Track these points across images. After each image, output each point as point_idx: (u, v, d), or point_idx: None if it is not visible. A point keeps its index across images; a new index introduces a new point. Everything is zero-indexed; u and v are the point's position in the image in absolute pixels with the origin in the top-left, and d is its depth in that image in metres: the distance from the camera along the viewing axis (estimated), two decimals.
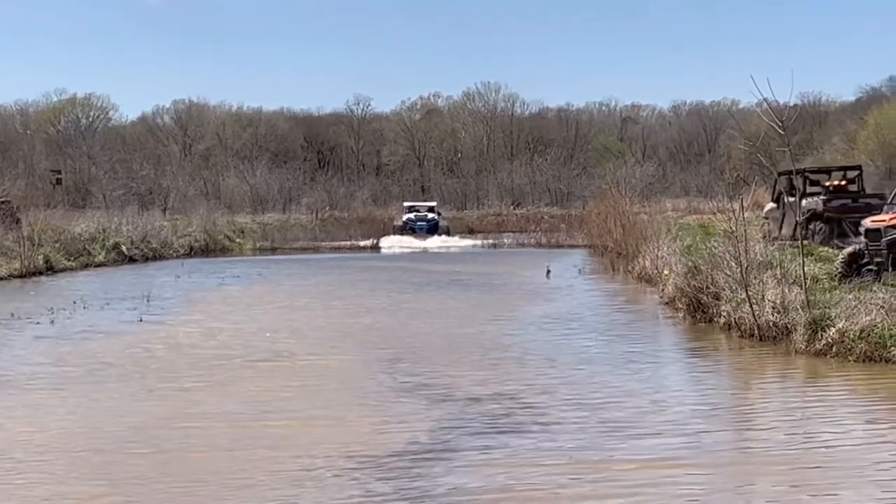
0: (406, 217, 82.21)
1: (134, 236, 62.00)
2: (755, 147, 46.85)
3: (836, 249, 31.27)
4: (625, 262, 46.21)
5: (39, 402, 18.75)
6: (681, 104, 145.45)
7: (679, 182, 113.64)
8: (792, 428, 16.40)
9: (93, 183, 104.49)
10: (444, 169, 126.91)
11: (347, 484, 13.23)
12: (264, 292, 40.05)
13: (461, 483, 13.16)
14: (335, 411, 17.67)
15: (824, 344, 21.56)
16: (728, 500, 12.50)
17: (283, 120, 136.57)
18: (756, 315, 24.15)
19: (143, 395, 19.24)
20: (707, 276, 27.83)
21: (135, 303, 35.45)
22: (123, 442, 15.62)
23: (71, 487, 13.39)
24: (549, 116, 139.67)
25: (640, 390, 19.00)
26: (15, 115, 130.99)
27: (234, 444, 15.45)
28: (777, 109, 26.37)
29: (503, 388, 19.28)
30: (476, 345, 25.13)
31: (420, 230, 79.40)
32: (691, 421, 16.54)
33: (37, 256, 49.34)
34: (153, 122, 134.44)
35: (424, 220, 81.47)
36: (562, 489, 12.90)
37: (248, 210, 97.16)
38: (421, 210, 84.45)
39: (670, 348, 25.31)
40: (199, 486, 13.32)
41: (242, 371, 21.75)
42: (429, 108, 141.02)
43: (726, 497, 12.59)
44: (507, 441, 15.25)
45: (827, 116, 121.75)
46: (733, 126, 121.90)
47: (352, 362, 22.81)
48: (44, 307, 33.71)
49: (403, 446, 15.04)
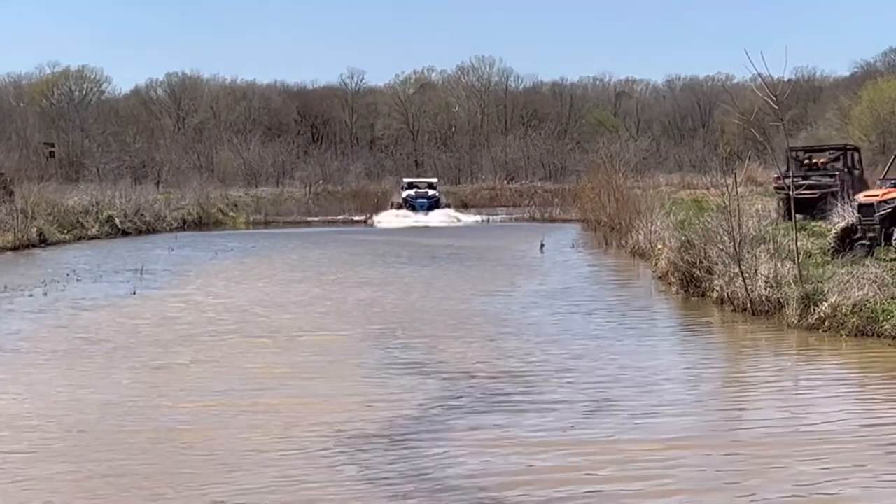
0: (406, 194, 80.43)
1: (127, 209, 62.04)
2: (749, 122, 46.79)
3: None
4: (618, 236, 46.24)
5: (31, 375, 18.75)
6: (675, 79, 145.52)
7: (673, 157, 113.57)
8: (784, 402, 16.45)
9: (86, 156, 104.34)
10: (437, 143, 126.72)
11: (338, 460, 13.26)
12: (258, 266, 40.03)
13: (457, 463, 13.18)
14: (327, 387, 17.68)
15: (817, 318, 21.60)
16: (721, 476, 12.53)
17: (277, 93, 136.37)
18: (749, 289, 24.18)
19: (134, 370, 19.21)
20: (700, 250, 27.86)
21: (128, 276, 35.46)
22: (114, 417, 15.62)
23: (54, 464, 13.40)
24: (543, 91, 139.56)
25: (633, 364, 19.02)
26: (8, 88, 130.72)
27: (225, 420, 15.45)
28: (771, 84, 26.39)
29: (500, 364, 19.31)
30: (472, 320, 25.12)
31: (421, 207, 77.86)
32: (684, 396, 16.58)
33: (30, 229, 49.36)
34: (146, 95, 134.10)
35: (425, 196, 79.71)
36: (558, 468, 12.95)
37: (242, 184, 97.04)
38: (421, 186, 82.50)
39: (663, 322, 25.35)
40: (185, 462, 13.34)
41: (235, 346, 21.72)
42: (423, 81, 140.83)
43: (721, 474, 12.62)
44: (500, 419, 15.28)
45: (821, 92, 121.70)
46: (727, 101, 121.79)
47: (345, 338, 22.79)
48: (37, 279, 33.70)
49: (398, 422, 15.07)
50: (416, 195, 79.51)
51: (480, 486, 11.97)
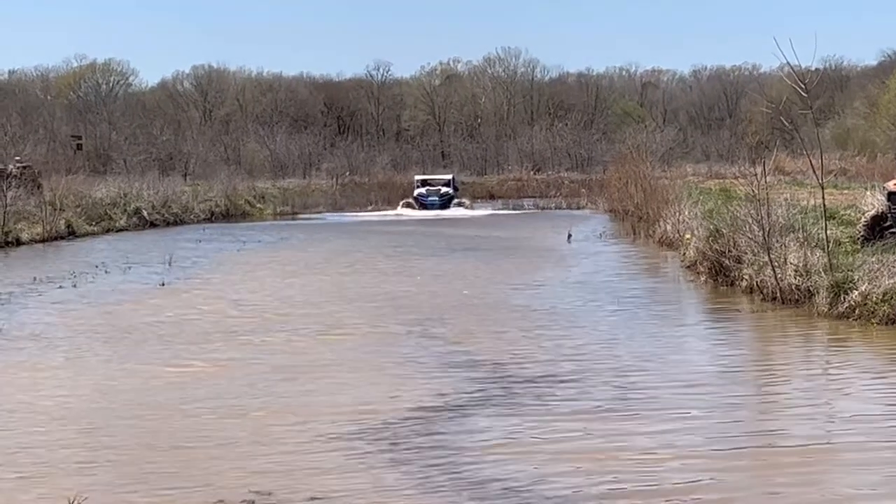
0: (417, 192, 77.52)
1: (155, 201, 62.20)
2: (777, 111, 46.60)
3: None
4: (646, 226, 46.15)
5: (64, 367, 18.87)
6: (701, 69, 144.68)
7: (700, 147, 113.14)
8: (814, 391, 16.42)
9: (113, 148, 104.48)
10: (463, 134, 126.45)
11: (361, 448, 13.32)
12: (285, 257, 40.10)
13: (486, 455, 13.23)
14: (356, 374, 17.75)
15: (847, 307, 21.53)
16: (748, 481, 12.53)
17: (303, 85, 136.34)
18: (778, 278, 24.11)
19: (162, 360, 19.31)
20: (729, 239, 27.79)
21: (156, 267, 35.56)
22: (145, 408, 15.72)
23: (76, 451, 13.50)
24: (569, 81, 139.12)
25: (662, 356, 19.00)
26: (36, 81, 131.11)
27: (252, 409, 15.53)
28: (800, 73, 26.25)
29: (532, 355, 19.35)
30: (505, 308, 25.18)
31: (432, 206, 75.11)
32: (715, 386, 16.57)
33: (59, 221, 49.55)
34: (173, 88, 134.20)
35: (437, 194, 76.50)
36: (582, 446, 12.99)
37: (269, 175, 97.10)
38: (435, 183, 78.92)
39: (693, 312, 25.32)
40: (197, 450, 13.45)
41: (264, 337, 21.79)
42: (449, 73, 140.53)
43: (751, 475, 12.62)
44: (528, 412, 15.32)
45: (848, 81, 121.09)
46: (755, 90, 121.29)
47: (378, 329, 22.84)
48: (66, 272, 33.83)
49: (431, 413, 15.13)
50: (428, 193, 76.87)
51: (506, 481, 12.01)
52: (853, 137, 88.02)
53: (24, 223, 47.49)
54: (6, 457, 13.16)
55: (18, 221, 47.18)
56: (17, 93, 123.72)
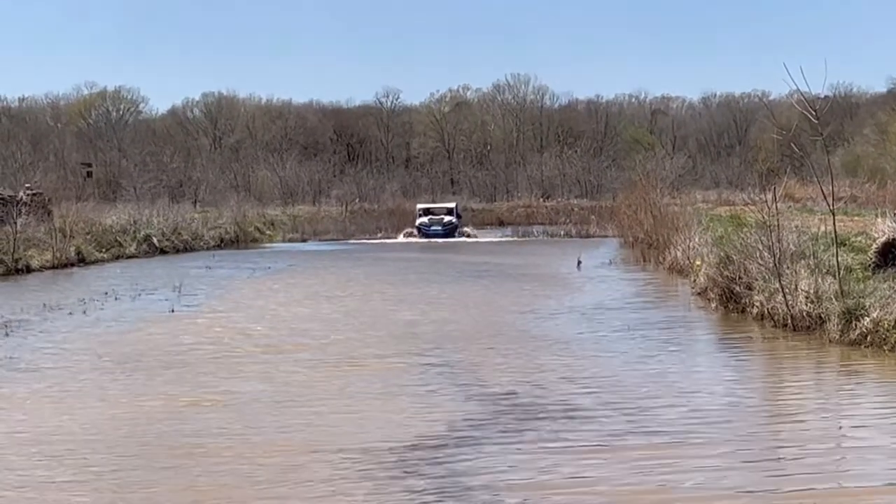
0: (419, 221, 76.02)
1: (165, 228, 62.27)
2: (788, 138, 46.55)
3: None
4: (655, 252, 46.09)
5: (72, 393, 18.83)
6: (711, 96, 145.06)
7: (709, 174, 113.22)
8: (826, 419, 16.33)
9: (123, 175, 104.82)
10: (473, 161, 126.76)
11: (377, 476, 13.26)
12: (294, 284, 40.05)
13: (501, 473, 13.16)
14: (368, 403, 17.69)
15: (858, 334, 21.45)
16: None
17: (313, 112, 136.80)
18: (789, 305, 24.03)
19: (174, 387, 19.28)
20: (739, 266, 27.72)
21: (166, 294, 35.53)
22: (153, 435, 15.68)
23: (83, 474, 13.46)
24: (578, 108, 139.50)
25: (672, 385, 18.90)
26: (46, 109, 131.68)
27: (264, 432, 15.47)
28: (810, 100, 26.22)
29: (541, 380, 19.28)
30: (514, 335, 25.12)
31: (435, 235, 73.38)
32: (726, 414, 16.47)
33: (68, 248, 49.59)
34: (183, 115, 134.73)
35: (440, 223, 74.91)
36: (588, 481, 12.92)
37: (279, 202, 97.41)
38: (437, 212, 77.35)
39: (703, 339, 25.22)
40: (210, 479, 13.39)
41: (277, 364, 21.76)
42: (458, 100, 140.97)
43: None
44: (537, 436, 15.25)
45: (858, 108, 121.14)
46: (766, 116, 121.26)
47: (386, 360, 22.79)
48: (76, 298, 33.82)
49: (442, 436, 15.07)
50: (430, 223, 75.30)
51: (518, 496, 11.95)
52: (863, 164, 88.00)
53: (34, 250, 47.53)
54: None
55: (28, 248, 47.23)
56: (28, 120, 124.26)
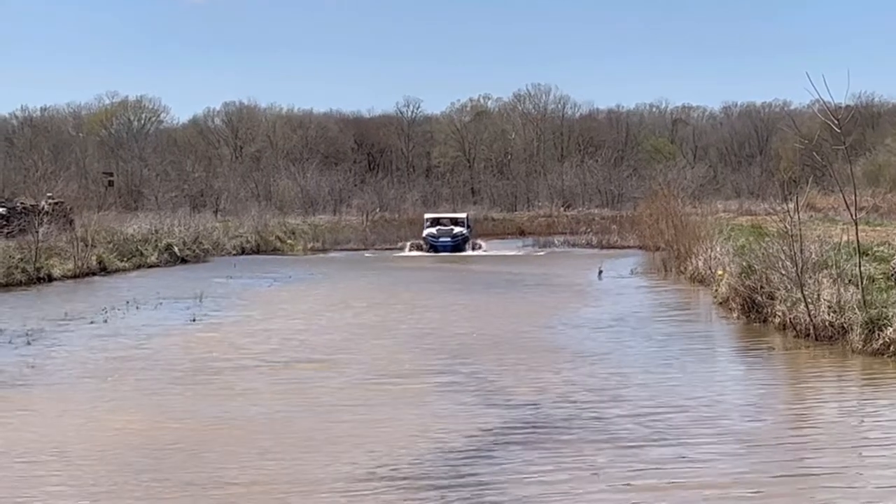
0: (427, 232, 71.87)
1: (186, 237, 62.29)
2: (809, 147, 46.42)
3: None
4: (677, 262, 46.00)
5: (92, 403, 18.87)
6: (732, 105, 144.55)
7: (730, 183, 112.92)
8: (848, 429, 16.25)
9: (144, 185, 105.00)
10: (494, 171, 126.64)
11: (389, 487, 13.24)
12: (315, 293, 40.06)
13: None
14: (384, 414, 17.69)
15: (881, 343, 21.39)
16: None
17: (334, 122, 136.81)
18: (812, 315, 23.96)
19: (195, 396, 19.31)
20: (761, 275, 27.66)
21: (187, 303, 35.55)
22: (172, 448, 15.69)
23: (106, 484, 13.47)
24: (599, 118, 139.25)
25: (695, 395, 18.86)
26: (68, 118, 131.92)
27: (284, 442, 15.48)
28: (832, 109, 26.13)
29: (563, 391, 19.25)
30: (534, 346, 25.10)
31: (443, 248, 69.25)
32: (749, 426, 16.42)
33: (90, 257, 49.69)
34: (204, 125, 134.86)
35: (450, 234, 70.67)
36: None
37: (299, 211, 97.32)
38: (446, 223, 73.11)
39: (726, 349, 25.16)
40: (223, 489, 13.37)
41: (298, 373, 21.82)
42: (479, 109, 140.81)
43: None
44: (557, 450, 15.22)
45: (880, 117, 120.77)
46: (788, 125, 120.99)
47: (407, 369, 22.81)
48: (97, 307, 33.89)
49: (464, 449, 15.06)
50: (439, 234, 71.01)
51: None
52: (885, 174, 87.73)
53: (55, 259, 47.64)
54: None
55: (50, 257, 47.35)
56: (50, 130, 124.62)
